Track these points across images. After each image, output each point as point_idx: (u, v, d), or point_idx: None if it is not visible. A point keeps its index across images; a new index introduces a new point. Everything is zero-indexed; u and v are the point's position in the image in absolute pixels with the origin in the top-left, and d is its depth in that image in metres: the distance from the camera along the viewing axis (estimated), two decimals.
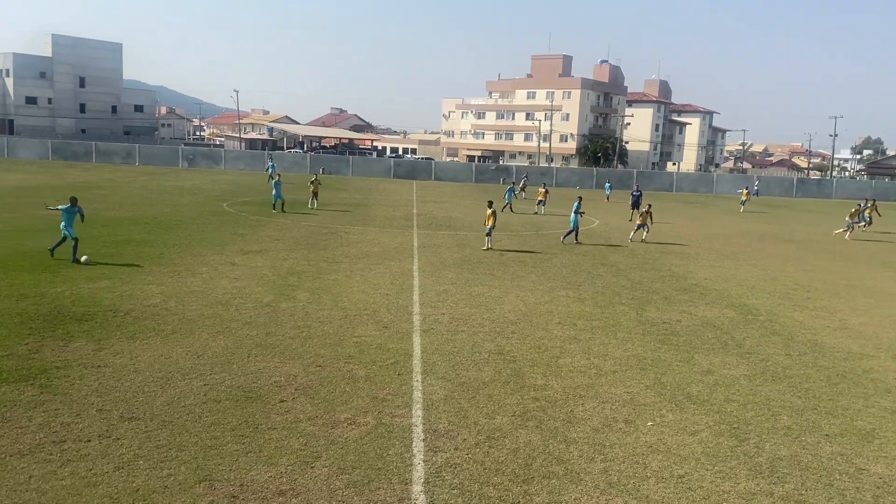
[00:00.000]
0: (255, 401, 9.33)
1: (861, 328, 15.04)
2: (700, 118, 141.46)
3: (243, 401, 9.31)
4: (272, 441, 8.16)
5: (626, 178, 75.49)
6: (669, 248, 27.00)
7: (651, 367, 11.62)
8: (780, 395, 10.59)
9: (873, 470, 8.15)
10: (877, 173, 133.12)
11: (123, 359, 10.69)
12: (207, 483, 7.12)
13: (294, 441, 8.18)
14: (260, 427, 8.52)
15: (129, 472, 7.26)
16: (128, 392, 9.39)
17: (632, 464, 8.04)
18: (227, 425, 8.51)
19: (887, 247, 31.17)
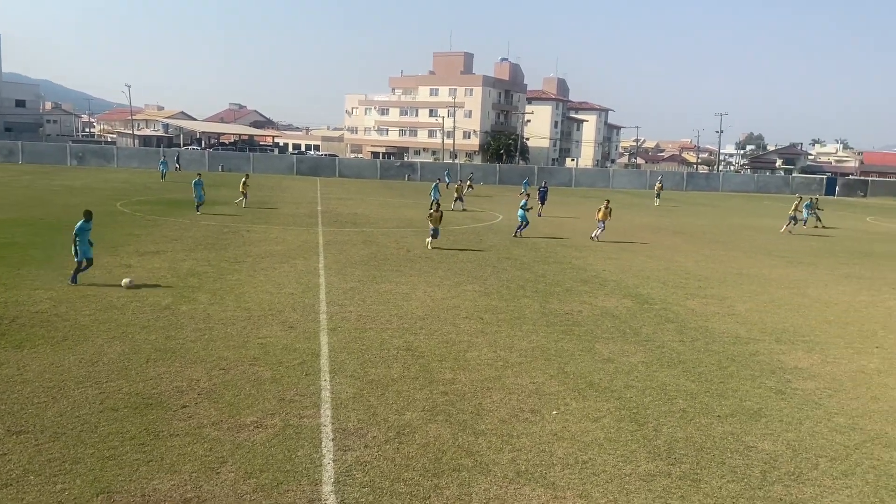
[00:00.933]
0: (156, 407, 8.99)
1: (747, 314, 15.97)
2: (596, 116, 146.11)
3: (142, 408, 8.95)
4: (175, 448, 7.88)
5: (528, 173, 77.09)
6: (570, 241, 27.79)
7: (555, 358, 11.95)
8: (676, 379, 11.11)
9: (761, 447, 8.69)
10: (759, 167, 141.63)
11: (10, 369, 10.05)
12: (106, 496, 6.81)
13: (198, 447, 7.94)
14: (161, 434, 8.21)
15: (18, 489, 6.85)
16: (15, 404, 8.85)
17: (538, 452, 8.26)
18: (125, 434, 8.16)
19: (772, 237, 33.20)
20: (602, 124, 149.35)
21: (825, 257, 26.34)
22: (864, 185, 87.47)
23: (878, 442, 8.96)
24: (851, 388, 11.07)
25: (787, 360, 12.39)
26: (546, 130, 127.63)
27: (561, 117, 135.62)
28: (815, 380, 11.37)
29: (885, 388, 11.08)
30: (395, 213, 36.63)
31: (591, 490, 7.41)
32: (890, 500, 7.45)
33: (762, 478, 7.86)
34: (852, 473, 8.04)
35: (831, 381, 11.36)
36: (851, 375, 11.70)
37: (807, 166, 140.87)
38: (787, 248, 28.93)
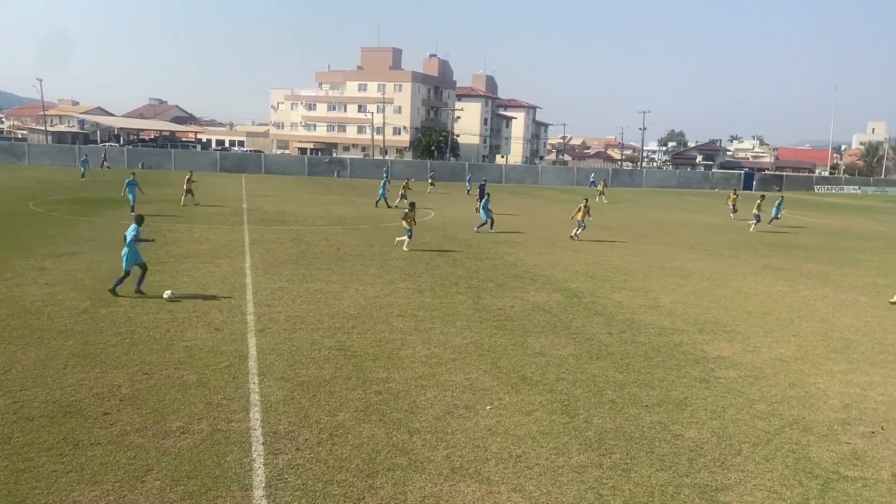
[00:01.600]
0: (75, 416, 8.58)
1: (671, 305, 16.44)
2: (525, 113, 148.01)
3: (60, 417, 8.53)
4: (96, 458, 7.54)
5: (459, 170, 77.38)
6: (502, 237, 28.03)
7: (488, 353, 12.01)
8: (605, 371, 11.33)
9: (687, 435, 8.94)
10: (680, 163, 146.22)
11: None
12: None
13: (121, 455, 7.62)
14: (81, 444, 7.85)
15: None
16: None
17: (473, 448, 8.27)
18: (42, 445, 7.76)
19: (698, 230, 34.30)
20: (530, 121, 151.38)
21: (744, 250, 27.37)
22: (780, 180, 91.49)
23: (797, 427, 9.35)
24: (771, 375, 11.51)
25: (710, 350, 12.80)
26: (476, 127, 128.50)
27: (490, 114, 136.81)
28: (736, 368, 11.78)
29: (801, 375, 11.57)
30: (325, 210, 36.18)
31: (525, 484, 7.47)
32: (808, 482, 7.78)
33: (689, 465, 8.08)
34: (773, 458, 8.35)
35: (752, 369, 11.80)
36: (770, 363, 12.17)
37: (726, 162, 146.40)
38: (707, 241, 29.95)
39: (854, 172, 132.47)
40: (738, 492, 7.47)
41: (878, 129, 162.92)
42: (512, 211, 40.26)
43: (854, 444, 8.82)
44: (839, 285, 20.12)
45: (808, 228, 38.16)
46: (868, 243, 32.04)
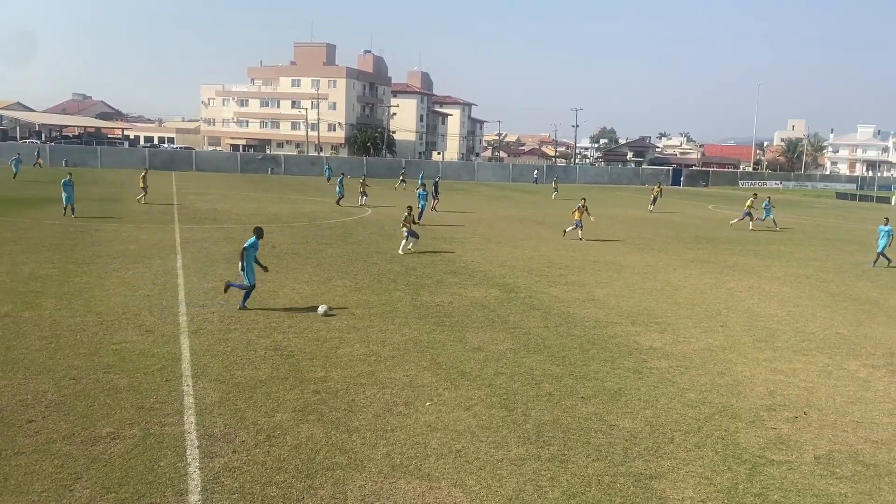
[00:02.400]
0: None
1: (605, 299, 16.79)
2: (460, 110, 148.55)
3: None
4: (20, 467, 7.23)
5: (395, 166, 77.20)
6: (440, 233, 28.10)
7: (427, 349, 12.03)
8: (542, 364, 11.49)
9: (622, 425, 9.15)
10: (612, 160, 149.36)
11: None
12: None
13: (47, 464, 7.32)
14: (4, 453, 7.51)
15: None
16: None
17: (413, 444, 8.27)
18: None
19: (630, 225, 35.10)
20: (466, 118, 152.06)
21: (673, 243, 28.17)
22: (706, 176, 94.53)
23: (725, 414, 9.69)
24: (700, 364, 11.89)
25: (643, 341, 13.13)
26: (412, 124, 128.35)
27: (426, 111, 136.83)
28: (668, 359, 12.12)
29: (729, 364, 11.99)
30: (259, 207, 35.56)
31: (465, 478, 7.51)
32: (737, 467, 8.07)
33: (624, 454, 8.28)
34: (703, 445, 8.63)
35: (682, 359, 12.16)
36: (700, 353, 12.57)
37: (655, 158, 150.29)
38: (639, 235, 30.70)
39: (776, 168, 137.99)
40: (671, 479, 7.69)
41: (798, 126, 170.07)
42: (449, 208, 40.38)
43: (779, 430, 9.20)
44: (763, 277, 20.92)
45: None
46: (789, 236, 33.41)
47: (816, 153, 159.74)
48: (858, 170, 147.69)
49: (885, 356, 12.83)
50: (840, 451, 8.60)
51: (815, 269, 22.93)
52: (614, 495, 7.28)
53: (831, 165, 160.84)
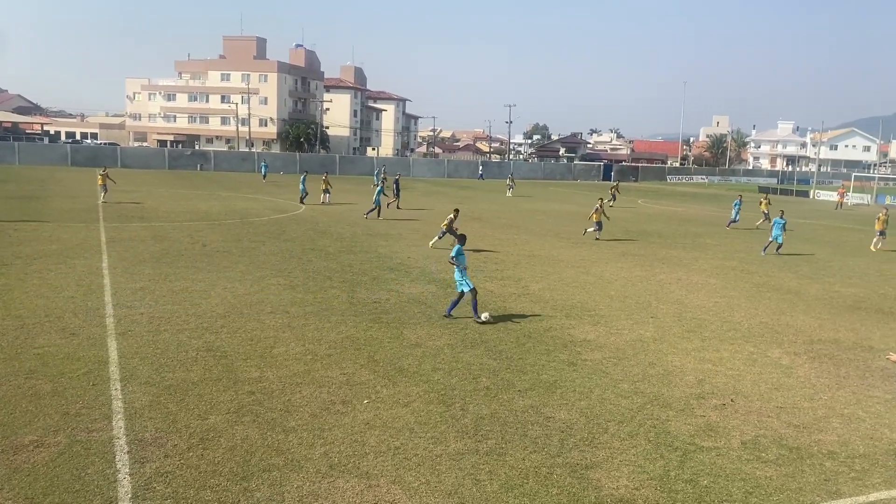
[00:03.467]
0: None
1: (540, 292, 17.02)
2: (394, 105, 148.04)
3: None
4: None
5: (329, 162, 76.47)
6: (376, 229, 27.95)
7: (364, 347, 11.95)
8: (479, 359, 11.57)
9: (558, 416, 9.29)
10: (545, 156, 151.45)
11: None
12: None
13: None
14: None
15: None
16: None
17: (351, 443, 8.21)
18: None
19: (563, 219, 35.63)
20: (400, 114, 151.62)
21: (605, 237, 28.75)
22: (636, 171, 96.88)
23: (656, 403, 9.95)
24: (632, 355, 12.18)
25: (577, 334, 13.37)
26: (345, 119, 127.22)
27: (360, 106, 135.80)
28: (601, 350, 12.37)
29: (660, 354, 12.32)
30: (188, 205, 34.65)
31: (404, 475, 7.50)
32: (669, 454, 8.30)
33: (560, 445, 8.41)
34: (636, 434, 8.85)
35: (615, 350, 12.43)
36: (632, 344, 12.88)
37: (586, 154, 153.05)
38: (572, 229, 31.22)
39: (702, 163, 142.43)
40: (606, 468, 7.86)
41: (722, 122, 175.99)
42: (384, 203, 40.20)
43: (708, 417, 9.50)
44: (691, 268, 21.57)
45: (663, 216, 40.63)
46: (715, 229, 34.55)
47: (740, 149, 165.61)
48: (779, 164, 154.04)
49: (805, 343, 13.41)
50: (765, 436, 8.94)
51: (740, 260, 23.78)
52: (551, 486, 7.39)
53: (754, 160, 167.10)
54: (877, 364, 12.23)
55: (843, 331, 14.51)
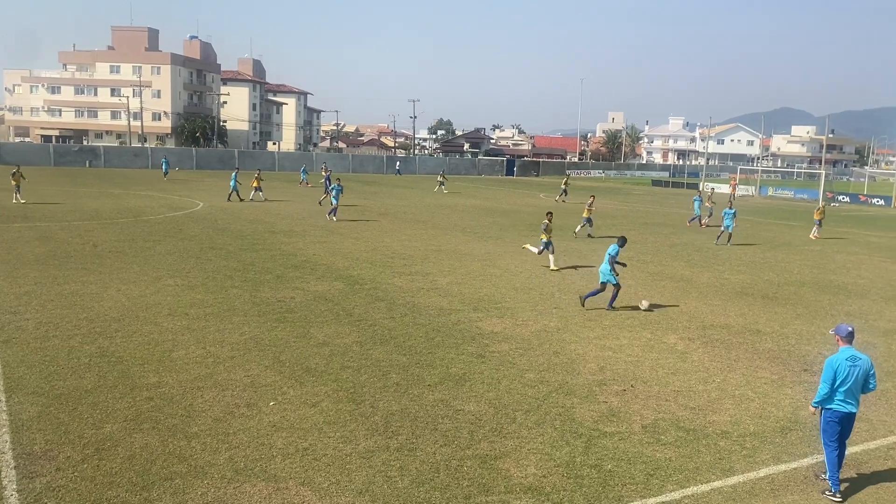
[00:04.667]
0: None
1: (448, 287, 17.13)
2: (296, 99, 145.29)
3: None
4: None
5: (228, 157, 74.28)
6: (278, 226, 27.36)
7: (269, 347, 11.67)
8: (388, 355, 11.52)
9: (467, 409, 9.38)
10: (449, 150, 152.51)
11: None
12: None
13: None
14: None
15: None
16: None
17: (257, 446, 8.00)
18: None
19: (469, 214, 35.96)
20: (302, 108, 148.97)
21: (509, 231, 29.27)
22: (537, 166, 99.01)
23: (561, 391, 10.20)
24: (538, 345, 12.44)
25: (485, 326, 13.53)
26: (244, 113, 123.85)
27: (259, 100, 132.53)
28: (508, 342, 12.57)
29: (564, 344, 12.64)
30: (77, 204, 32.84)
31: (313, 476, 7.37)
32: (574, 441, 8.52)
33: (470, 437, 8.48)
34: (543, 422, 9.04)
35: (521, 341, 12.66)
36: (537, 334, 13.15)
37: (490, 149, 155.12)
38: (477, 224, 31.60)
39: (599, 158, 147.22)
40: (515, 457, 7.99)
41: (618, 118, 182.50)
42: (286, 198, 39.48)
43: (610, 403, 9.82)
44: (590, 260, 22.23)
45: (563, 209, 41.73)
46: (612, 221, 35.76)
47: (634, 144, 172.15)
48: (671, 159, 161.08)
49: (698, 329, 14.08)
50: (664, 419, 9.33)
51: (636, 251, 24.70)
52: (461, 478, 7.44)
53: (647, 155, 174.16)
54: (764, 346, 12.99)
55: (732, 316, 15.32)
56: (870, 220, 42.49)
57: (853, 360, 7.51)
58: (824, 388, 7.53)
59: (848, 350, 7.60)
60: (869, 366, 7.58)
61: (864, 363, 7.54)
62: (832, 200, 59.74)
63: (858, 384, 7.52)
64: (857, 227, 38.57)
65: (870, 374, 7.57)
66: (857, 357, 7.55)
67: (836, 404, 7.51)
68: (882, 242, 30.89)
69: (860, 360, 7.54)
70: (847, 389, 7.47)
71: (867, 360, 7.61)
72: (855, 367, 7.47)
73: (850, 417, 7.57)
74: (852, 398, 7.51)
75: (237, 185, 37.60)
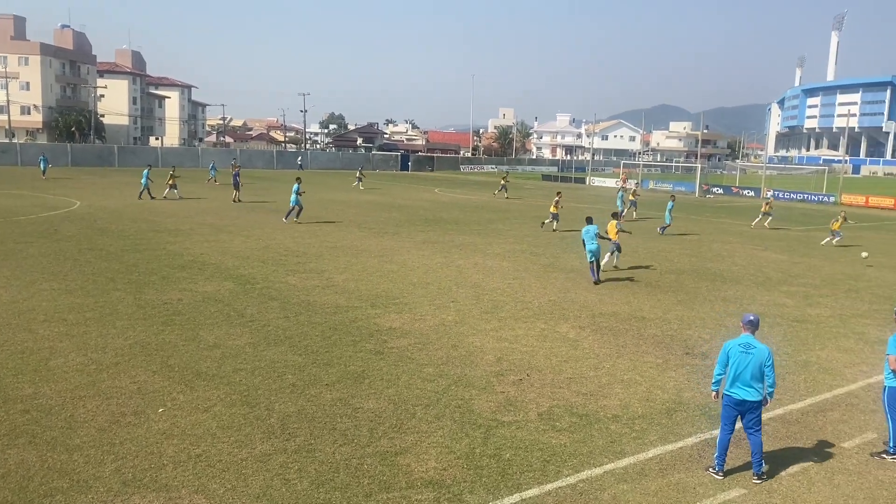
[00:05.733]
0: None
1: (344, 283, 16.94)
2: (179, 92, 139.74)
3: None
4: None
5: (107, 154, 70.58)
6: (163, 225, 26.21)
7: (157, 352, 11.17)
8: (284, 355, 11.27)
9: (367, 406, 9.31)
10: (342, 145, 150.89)
11: None
12: None
13: None
14: None
15: None
16: None
17: (146, 455, 7.64)
18: None
19: (364, 209, 35.66)
20: (186, 101, 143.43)
21: (405, 226, 29.28)
22: (431, 161, 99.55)
23: (460, 384, 10.31)
24: (436, 339, 12.52)
25: (383, 323, 13.48)
26: (124, 107, 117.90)
27: (140, 93, 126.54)
28: (406, 337, 12.58)
29: (461, 337, 12.77)
30: None
31: (207, 483, 7.12)
32: (473, 432, 8.63)
33: (370, 435, 8.43)
34: (443, 415, 9.10)
35: (420, 336, 12.70)
36: (435, 329, 13.23)
37: (384, 144, 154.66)
38: (373, 219, 31.43)
39: (491, 153, 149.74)
40: (415, 452, 8.01)
41: (508, 114, 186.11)
42: (195, 195, 37.87)
43: (507, 393, 10.02)
44: (486, 253, 22.60)
45: (458, 204, 42.18)
46: (505, 215, 36.48)
47: (524, 139, 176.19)
48: (559, 154, 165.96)
49: (589, 317, 14.58)
50: (558, 406, 9.60)
51: (529, 244, 25.31)
52: (362, 477, 7.39)
53: (537, 150, 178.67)
54: (649, 332, 13.61)
55: (619, 304, 15.96)
56: (742, 211, 45.35)
57: (746, 347, 7.74)
58: (716, 370, 7.88)
59: (746, 337, 7.83)
60: (765, 357, 7.66)
61: (758, 353, 7.67)
62: (707, 192, 63.28)
63: (752, 372, 7.66)
64: (731, 217, 41.08)
65: (765, 365, 7.65)
66: (751, 345, 7.73)
67: (730, 389, 7.79)
68: (753, 232, 33.03)
69: (755, 348, 7.70)
70: (739, 375, 7.72)
71: (764, 351, 7.70)
72: (748, 354, 7.69)
73: (746, 404, 7.70)
74: (746, 385, 7.69)
75: (149, 182, 36.41)
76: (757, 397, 7.72)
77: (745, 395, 7.71)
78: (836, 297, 17.81)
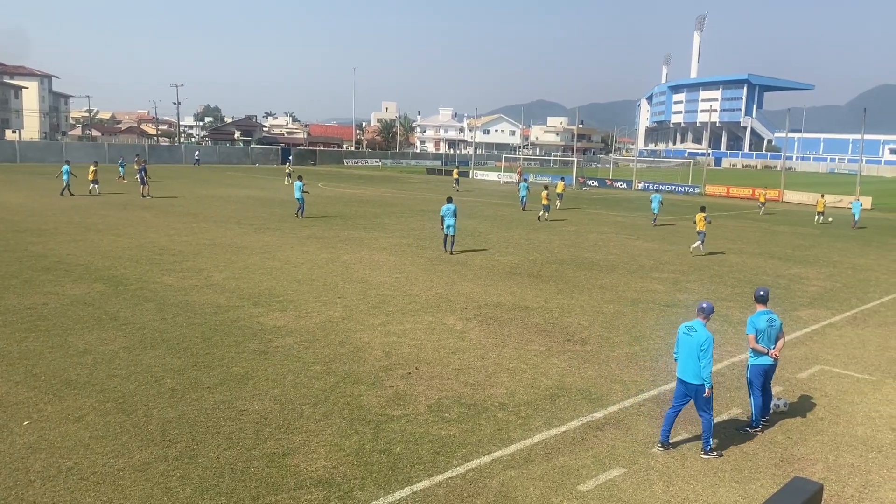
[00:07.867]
0: None
1: (225, 282, 16.39)
2: (38, 82, 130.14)
3: None
4: None
5: None
6: (23, 225, 24.40)
7: (20, 361, 10.40)
8: (161, 359, 10.78)
9: (251, 408, 9.06)
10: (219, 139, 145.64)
11: None
12: None
13: None
14: None
15: None
16: None
17: (11, 472, 7.11)
18: None
19: (244, 205, 34.56)
20: (46, 92, 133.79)
21: (288, 222, 28.67)
22: (314, 155, 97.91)
23: (349, 380, 10.22)
24: (323, 337, 12.35)
25: (266, 321, 13.15)
26: None
27: None
28: (292, 335, 12.33)
29: (349, 333, 12.67)
30: None
31: (81, 498, 6.71)
32: (363, 428, 8.59)
33: (256, 437, 8.22)
34: (331, 413, 9.00)
35: (306, 334, 12.49)
36: (322, 326, 13.05)
37: (263, 137, 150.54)
38: (254, 215, 30.56)
39: (375, 147, 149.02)
40: (304, 452, 7.88)
41: (391, 108, 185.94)
42: (39, 195, 35.36)
43: (396, 387, 10.03)
44: (372, 248, 22.51)
45: (342, 198, 41.74)
46: (390, 209, 36.46)
47: (408, 133, 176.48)
48: (442, 148, 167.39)
49: (474, 309, 14.83)
50: (447, 397, 9.72)
51: (415, 237, 25.42)
52: (248, 480, 7.19)
53: (420, 144, 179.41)
54: (532, 321, 14.01)
55: (504, 294, 16.34)
56: (616, 202, 47.48)
57: (689, 329, 8.08)
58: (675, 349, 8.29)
59: (695, 322, 8.13)
60: (702, 340, 7.89)
61: (697, 336, 7.93)
62: (584, 185, 65.79)
63: (689, 354, 7.96)
64: (606, 208, 42.92)
65: (700, 350, 7.87)
66: (693, 328, 8.05)
67: (678, 370, 8.21)
68: (626, 222, 34.67)
69: (695, 332, 7.98)
70: (680, 356, 8.12)
71: (702, 336, 7.92)
72: (689, 336, 8.04)
73: (689, 386, 8.01)
74: (685, 367, 8.02)
75: (70, 178, 35.33)
76: (696, 381, 8.02)
77: (685, 377, 8.10)
78: (703, 282, 19.00)
